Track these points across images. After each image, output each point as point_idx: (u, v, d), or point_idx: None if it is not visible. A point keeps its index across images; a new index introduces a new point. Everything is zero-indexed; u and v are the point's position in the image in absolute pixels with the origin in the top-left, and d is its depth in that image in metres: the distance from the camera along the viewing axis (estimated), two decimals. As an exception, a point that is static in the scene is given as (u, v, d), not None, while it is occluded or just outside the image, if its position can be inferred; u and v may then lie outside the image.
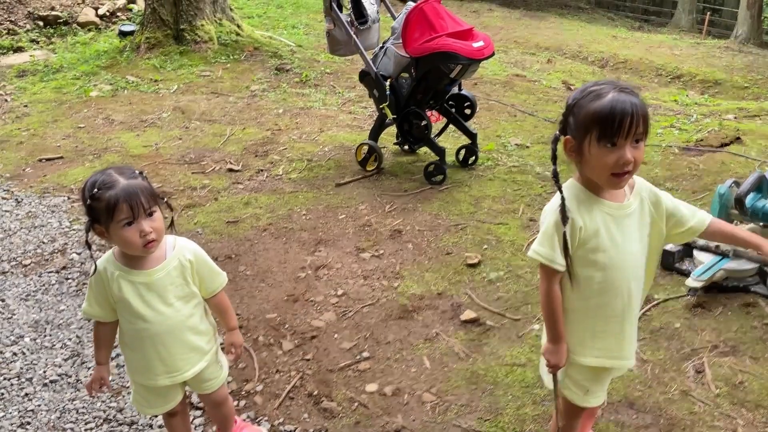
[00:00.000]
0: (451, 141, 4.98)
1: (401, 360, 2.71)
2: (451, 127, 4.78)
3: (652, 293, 2.99)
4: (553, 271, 1.69)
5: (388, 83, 4.38)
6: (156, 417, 2.38)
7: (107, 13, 9.61)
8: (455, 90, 4.54)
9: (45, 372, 2.70)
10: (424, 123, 4.30)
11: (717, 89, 9.53)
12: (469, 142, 4.63)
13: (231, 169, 4.73)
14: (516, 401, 2.44)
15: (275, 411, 2.46)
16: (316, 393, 2.54)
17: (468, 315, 2.94)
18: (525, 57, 10.17)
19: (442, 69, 4.07)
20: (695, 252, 3.19)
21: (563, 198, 1.64)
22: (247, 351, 2.79)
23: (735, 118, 5.70)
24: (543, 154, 4.80)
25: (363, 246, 3.60)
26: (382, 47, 4.47)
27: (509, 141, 5.14)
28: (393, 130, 4.70)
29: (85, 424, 2.43)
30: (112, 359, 2.68)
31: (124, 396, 2.55)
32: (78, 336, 2.94)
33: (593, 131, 1.56)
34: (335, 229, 3.80)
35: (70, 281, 3.38)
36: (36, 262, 3.57)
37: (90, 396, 2.50)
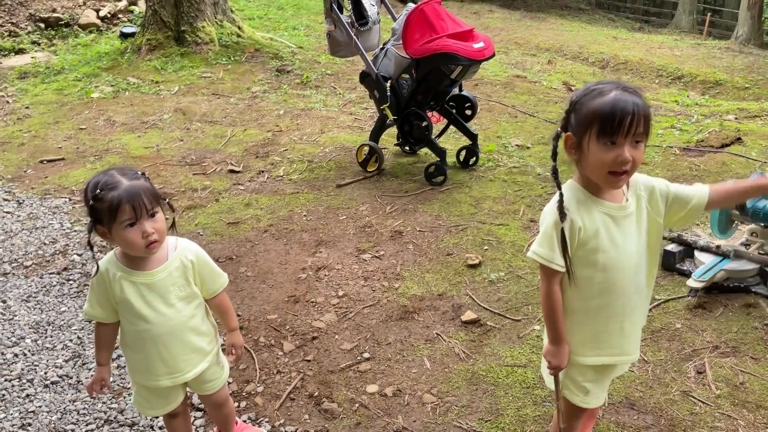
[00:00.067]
0: (452, 142, 4.98)
1: (402, 361, 2.71)
2: (452, 128, 4.78)
3: (653, 294, 2.99)
4: (553, 272, 1.69)
5: (388, 84, 4.39)
6: (157, 418, 2.38)
7: (108, 15, 9.62)
8: (456, 91, 4.55)
9: (46, 373, 2.70)
10: (424, 124, 4.30)
11: (718, 90, 9.54)
12: (470, 143, 4.64)
13: (232, 171, 4.74)
14: (517, 402, 2.44)
15: (276, 412, 2.46)
16: (316, 394, 2.54)
17: (469, 316, 2.94)
18: (525, 58, 10.17)
19: (442, 70, 4.08)
20: (696, 253, 3.19)
21: (561, 194, 1.64)
22: (248, 352, 2.79)
23: (736, 118, 5.70)
24: (544, 155, 4.80)
25: (364, 247, 3.60)
26: (382, 48, 4.48)
27: (510, 142, 5.15)
28: (394, 131, 4.71)
29: (86, 425, 2.43)
30: (113, 360, 2.69)
31: (125, 397, 2.55)
32: (79, 337, 2.94)
33: (593, 128, 1.56)
34: (336, 230, 3.81)
35: (71, 282, 3.38)
36: (37, 263, 3.58)
37: (91, 397, 2.51)
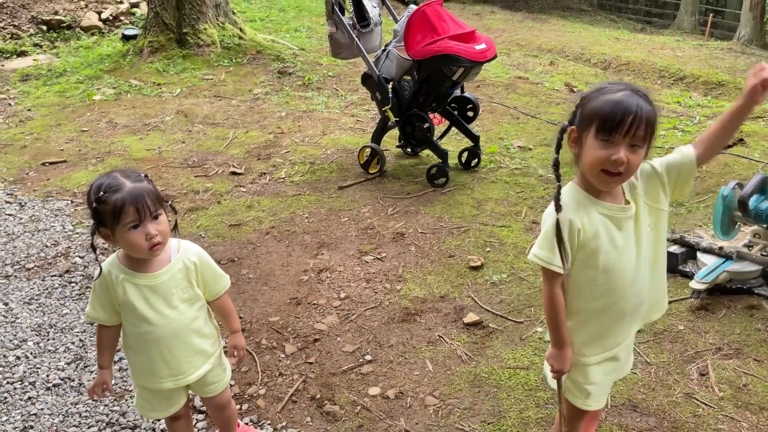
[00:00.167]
0: (454, 143, 4.98)
1: (404, 363, 2.70)
2: (454, 130, 4.78)
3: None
4: (554, 274, 1.68)
5: (390, 86, 4.38)
6: (159, 421, 2.38)
7: (110, 18, 9.63)
8: (458, 92, 4.55)
9: (48, 376, 2.70)
10: (426, 126, 4.30)
11: (720, 91, 9.51)
12: (472, 144, 4.63)
13: (234, 173, 4.74)
14: (519, 404, 2.43)
15: (278, 414, 2.45)
16: (318, 396, 2.53)
17: (471, 318, 2.94)
18: (527, 59, 10.17)
19: (444, 72, 4.08)
20: (699, 254, 3.19)
21: (559, 186, 1.66)
22: (250, 354, 2.78)
23: (738, 119, 5.69)
24: (546, 156, 4.80)
25: (365, 249, 3.60)
26: (384, 50, 4.48)
27: (512, 143, 5.14)
28: (396, 132, 4.71)
29: (88, 427, 2.43)
30: (114, 363, 2.69)
31: (127, 400, 2.55)
32: (81, 339, 2.94)
33: (594, 124, 1.57)
34: (338, 232, 3.81)
35: (73, 285, 3.38)
36: (39, 265, 3.58)
37: (92, 400, 2.51)
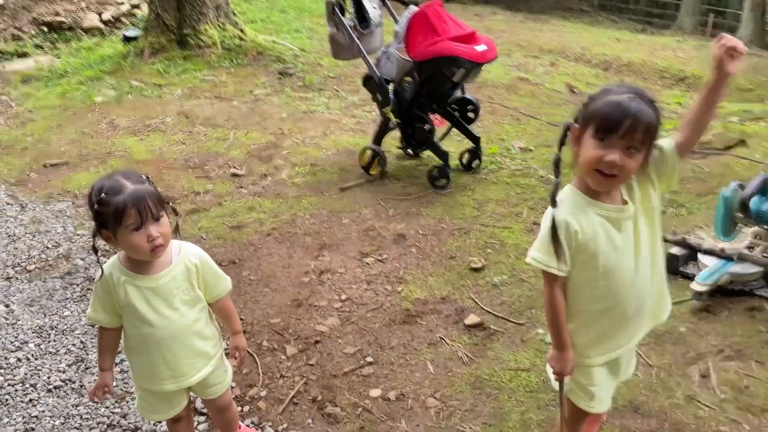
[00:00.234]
0: (455, 145, 4.97)
1: (405, 365, 2.70)
2: (455, 131, 4.78)
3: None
4: (554, 277, 1.68)
5: (391, 87, 4.38)
6: (160, 423, 2.38)
7: (111, 19, 9.63)
8: (458, 93, 4.54)
9: (49, 378, 2.70)
10: (427, 127, 4.30)
11: (721, 92, 9.49)
12: (473, 145, 4.63)
13: (235, 174, 4.74)
14: (520, 406, 2.43)
15: (279, 416, 2.45)
16: (320, 398, 2.53)
17: (472, 319, 2.94)
18: (528, 60, 10.15)
19: (445, 73, 4.07)
20: (700, 256, 3.18)
21: (557, 183, 1.67)
22: (251, 356, 2.78)
23: (739, 120, 5.69)
24: (546, 157, 4.79)
25: (367, 250, 3.60)
26: (384, 51, 4.48)
27: (513, 144, 5.14)
28: (396, 134, 4.70)
29: (89, 430, 2.43)
30: (115, 365, 2.69)
31: (128, 401, 2.55)
32: (82, 341, 2.94)
33: (593, 123, 1.59)
34: (339, 234, 3.80)
35: (74, 287, 3.38)
36: (40, 267, 3.58)
37: (93, 402, 2.51)
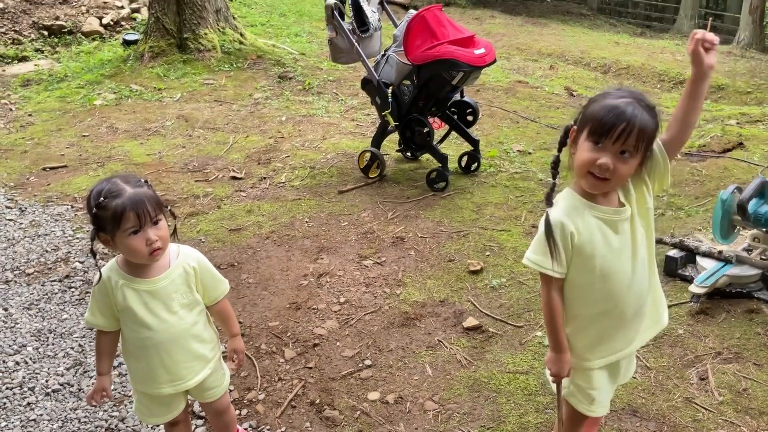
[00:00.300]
0: (454, 148, 4.98)
1: (403, 368, 2.70)
2: (454, 134, 4.79)
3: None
4: (551, 279, 1.69)
5: (390, 91, 4.39)
6: (158, 426, 2.37)
7: (111, 23, 9.66)
8: (457, 97, 4.55)
9: (47, 381, 2.70)
10: (426, 130, 4.31)
11: (720, 94, 9.52)
12: (472, 148, 4.64)
13: (234, 177, 4.75)
14: (519, 409, 2.43)
15: (277, 420, 2.45)
16: (318, 401, 2.53)
17: (470, 322, 2.94)
18: (527, 63, 10.18)
19: (443, 76, 4.08)
20: (698, 258, 3.18)
21: (554, 184, 1.69)
22: (250, 359, 2.78)
23: (737, 123, 5.70)
24: (545, 160, 4.80)
25: (365, 253, 3.60)
26: (383, 55, 4.49)
27: (511, 147, 5.15)
28: (395, 137, 4.71)
29: (88, 433, 2.43)
30: (114, 368, 2.69)
31: (126, 405, 2.54)
32: (80, 345, 2.94)
33: (588, 126, 1.60)
34: (338, 237, 3.81)
35: (73, 290, 3.38)
36: (39, 270, 3.58)
37: (91, 406, 2.50)
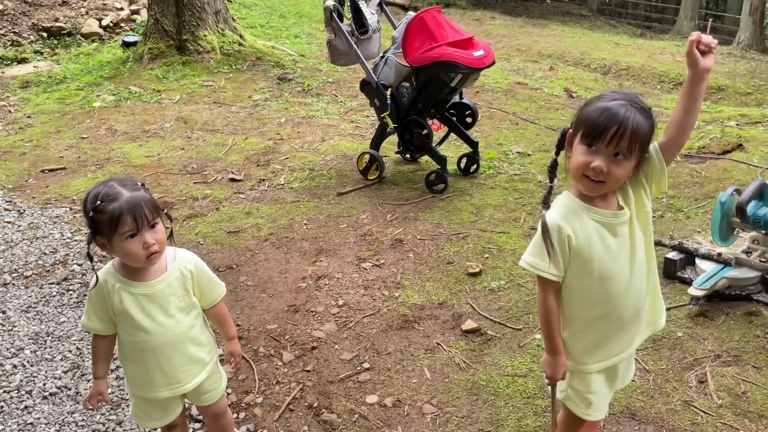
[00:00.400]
0: (453, 149, 4.98)
1: (402, 371, 2.70)
2: (453, 136, 4.78)
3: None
4: (548, 281, 1.69)
5: (389, 92, 4.39)
6: (155, 430, 2.37)
7: (111, 24, 9.66)
8: (456, 98, 4.55)
9: (45, 384, 2.69)
10: (425, 132, 4.30)
11: (720, 95, 9.51)
12: (471, 150, 4.63)
13: (233, 179, 4.74)
14: (517, 412, 2.42)
15: (275, 423, 2.45)
16: (316, 405, 2.52)
17: (469, 325, 2.93)
18: (527, 65, 10.17)
19: (442, 78, 4.08)
20: (697, 261, 3.18)
21: (551, 187, 1.69)
22: (247, 362, 2.78)
23: (737, 124, 5.69)
24: (545, 162, 4.79)
25: (364, 255, 3.59)
26: (382, 57, 4.49)
27: (511, 149, 5.14)
28: (394, 139, 4.71)
29: (85, 436, 2.42)
30: (111, 371, 2.68)
31: (123, 409, 2.54)
32: (78, 348, 2.93)
33: (582, 128, 1.60)
34: (336, 239, 3.80)
35: (71, 293, 3.38)
36: (37, 273, 3.58)
37: (87, 410, 2.50)
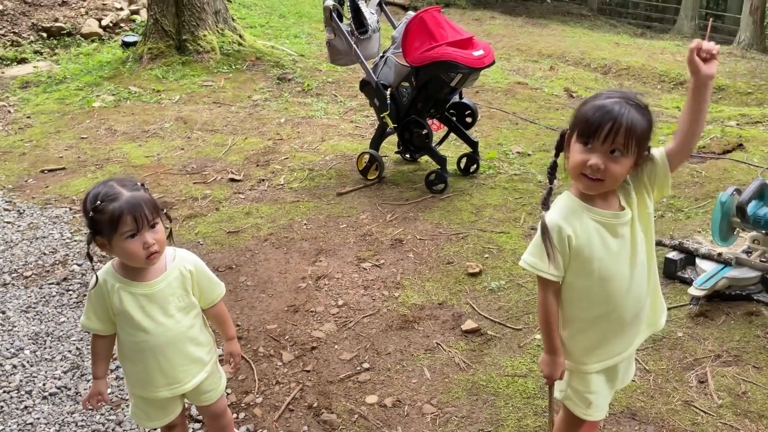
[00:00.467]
0: (453, 149, 4.98)
1: (402, 371, 2.69)
2: (453, 136, 4.78)
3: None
4: (547, 281, 1.69)
5: (388, 92, 4.38)
6: (155, 430, 2.36)
7: (110, 24, 9.66)
8: (456, 98, 4.54)
9: (44, 384, 2.69)
10: (425, 132, 4.30)
11: (720, 95, 9.50)
12: (471, 150, 4.63)
13: (232, 179, 4.74)
14: (517, 412, 2.42)
15: (275, 423, 2.44)
16: (315, 405, 2.52)
17: (469, 325, 2.93)
18: (527, 64, 10.17)
19: (442, 78, 4.08)
20: (697, 261, 3.17)
21: (550, 189, 1.69)
22: (247, 362, 2.77)
23: (737, 124, 5.69)
24: (545, 162, 4.79)
25: (364, 256, 3.59)
26: (382, 56, 4.48)
27: (511, 149, 5.14)
28: (394, 139, 4.71)
29: (84, 437, 2.42)
30: (111, 371, 2.68)
31: (123, 409, 2.54)
32: (78, 348, 2.93)
33: (578, 127, 1.61)
34: (336, 239, 3.80)
35: (70, 293, 3.38)
36: (37, 273, 3.58)
37: (86, 410, 2.49)
